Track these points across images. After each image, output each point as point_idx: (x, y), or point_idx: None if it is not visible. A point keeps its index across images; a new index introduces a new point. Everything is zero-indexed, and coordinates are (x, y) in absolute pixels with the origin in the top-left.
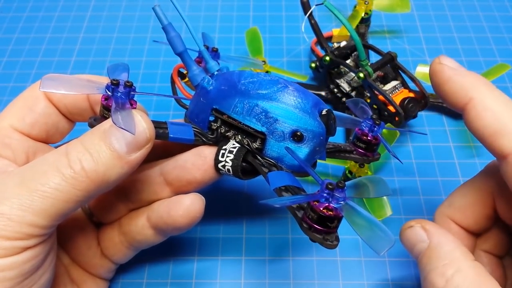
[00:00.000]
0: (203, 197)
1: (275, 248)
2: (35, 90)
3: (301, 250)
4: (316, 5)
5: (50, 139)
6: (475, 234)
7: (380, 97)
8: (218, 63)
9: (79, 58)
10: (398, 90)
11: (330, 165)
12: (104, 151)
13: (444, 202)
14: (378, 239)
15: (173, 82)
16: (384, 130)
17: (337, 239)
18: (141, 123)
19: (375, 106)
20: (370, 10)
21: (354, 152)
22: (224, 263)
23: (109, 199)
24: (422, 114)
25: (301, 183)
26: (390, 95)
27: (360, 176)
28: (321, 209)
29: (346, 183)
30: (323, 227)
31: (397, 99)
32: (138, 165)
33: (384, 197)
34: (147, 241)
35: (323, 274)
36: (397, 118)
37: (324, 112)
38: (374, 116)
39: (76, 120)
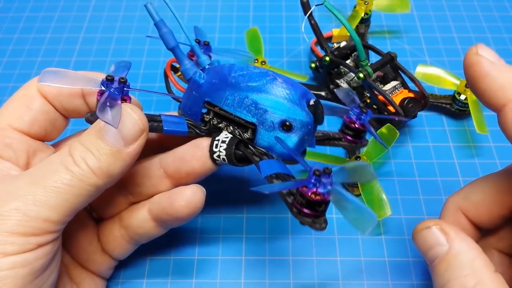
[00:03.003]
0: (203, 188)
1: (275, 247)
2: (29, 88)
3: (301, 249)
4: (316, 5)
5: (48, 137)
6: (482, 230)
7: (380, 97)
8: (210, 57)
9: (79, 58)
10: (398, 90)
11: (330, 165)
12: (103, 148)
13: (459, 192)
14: (363, 220)
15: (166, 77)
16: (383, 129)
17: (325, 221)
18: (132, 115)
19: (375, 106)
20: (370, 10)
21: (343, 139)
22: (224, 262)
23: (110, 193)
24: (422, 114)
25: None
26: (390, 95)
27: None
28: (309, 194)
29: (333, 169)
30: (311, 211)
31: (397, 99)
32: (138, 155)
33: (384, 197)
34: (148, 234)
35: (323, 274)
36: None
37: (311, 102)
38: (361, 105)
39: (72, 117)
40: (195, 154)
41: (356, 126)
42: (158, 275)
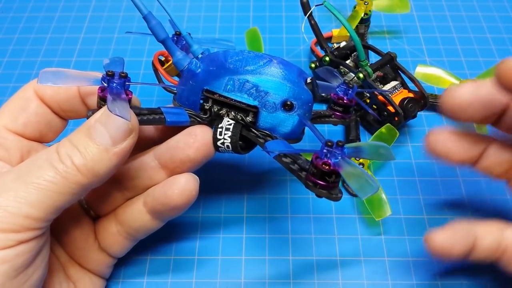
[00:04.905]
0: (197, 176)
1: (275, 248)
2: (26, 91)
3: (301, 249)
4: (316, 5)
5: (43, 138)
6: None
7: (380, 97)
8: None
9: (79, 58)
10: (398, 90)
11: None
12: (91, 146)
13: None
14: (365, 187)
15: (155, 70)
16: (383, 129)
17: (341, 192)
18: None
19: (374, 106)
20: (369, 11)
21: (333, 116)
22: (225, 261)
23: (105, 189)
24: (422, 114)
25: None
26: (390, 95)
27: None
28: (320, 164)
29: (349, 144)
30: (325, 182)
31: (397, 99)
32: (126, 156)
33: (384, 197)
34: (144, 228)
35: (323, 274)
36: (396, 118)
37: (308, 80)
38: (346, 81)
39: (69, 118)
40: (188, 142)
41: (345, 101)
42: (158, 274)
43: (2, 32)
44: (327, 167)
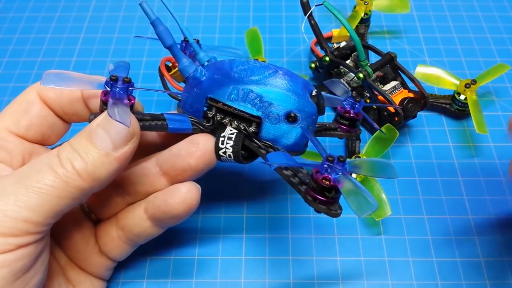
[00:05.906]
0: (198, 185)
1: (275, 248)
2: (29, 93)
3: (301, 249)
4: (316, 5)
5: (46, 141)
6: None
7: (380, 97)
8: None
9: (79, 58)
10: (398, 90)
11: None
12: (91, 150)
13: None
14: (364, 205)
15: (162, 75)
16: (383, 130)
17: (340, 208)
18: None
19: (374, 107)
20: (369, 11)
21: (338, 129)
22: (224, 262)
23: (107, 194)
24: (422, 114)
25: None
26: (390, 95)
27: (360, 176)
28: (320, 179)
29: (350, 160)
30: (324, 197)
31: (397, 99)
32: (127, 161)
33: (384, 197)
34: (145, 234)
35: (323, 274)
36: (396, 118)
37: (314, 93)
38: (354, 94)
39: (72, 121)
40: (190, 150)
41: (351, 115)
42: (158, 276)
43: (2, 32)
44: (327, 182)
